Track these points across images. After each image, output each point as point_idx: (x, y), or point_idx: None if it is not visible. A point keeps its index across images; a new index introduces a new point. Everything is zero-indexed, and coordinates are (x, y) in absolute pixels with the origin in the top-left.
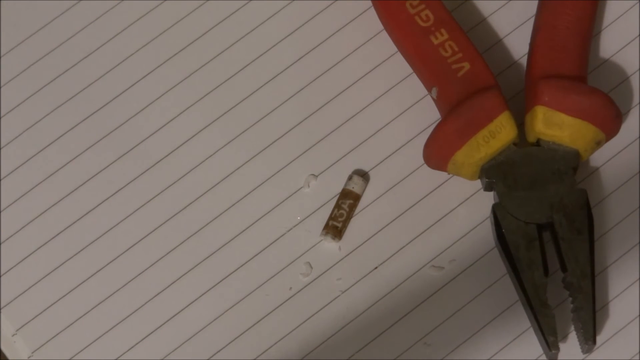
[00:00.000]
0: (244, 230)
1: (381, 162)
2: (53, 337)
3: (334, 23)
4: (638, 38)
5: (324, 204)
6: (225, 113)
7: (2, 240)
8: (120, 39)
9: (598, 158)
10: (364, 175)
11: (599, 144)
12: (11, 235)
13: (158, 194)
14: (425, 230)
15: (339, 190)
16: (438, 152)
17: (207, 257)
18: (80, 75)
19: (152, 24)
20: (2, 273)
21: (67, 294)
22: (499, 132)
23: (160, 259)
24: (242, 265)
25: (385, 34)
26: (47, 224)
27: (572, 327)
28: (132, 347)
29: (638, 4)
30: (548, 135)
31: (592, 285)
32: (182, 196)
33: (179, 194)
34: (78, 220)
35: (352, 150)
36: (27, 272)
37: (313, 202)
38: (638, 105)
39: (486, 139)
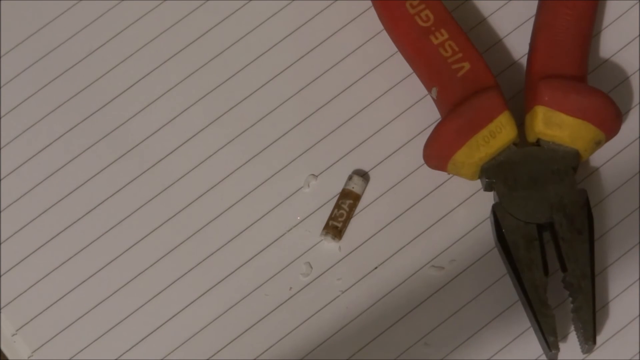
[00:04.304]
0: (244, 230)
1: (381, 162)
2: (53, 337)
3: (334, 23)
4: (638, 38)
5: (324, 204)
6: (225, 113)
7: (2, 240)
8: (120, 39)
9: (598, 158)
10: (364, 175)
11: (599, 144)
12: (11, 235)
13: (158, 194)
14: (425, 230)
15: (339, 190)
16: (438, 152)
17: (207, 257)
18: (80, 75)
19: (152, 24)
20: (2, 273)
21: (67, 294)
22: (499, 132)
23: (160, 259)
24: (242, 265)
25: (385, 34)
26: (47, 224)
27: (572, 327)
28: (132, 347)
29: (638, 4)
30: (548, 135)
31: (592, 285)
32: (182, 196)
33: (179, 194)
34: (78, 220)
35: (352, 150)
36: (27, 272)
37: (313, 202)
38: (638, 105)
39: (486, 139)
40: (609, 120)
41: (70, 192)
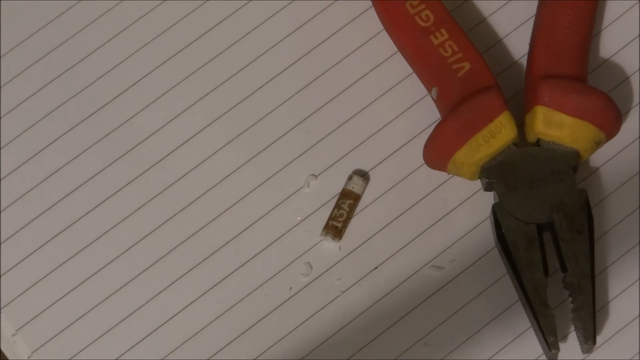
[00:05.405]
0: (244, 230)
1: (381, 162)
2: (53, 337)
3: (334, 23)
4: (638, 38)
5: (324, 204)
6: (225, 113)
7: (2, 240)
8: (120, 39)
9: (598, 158)
10: (364, 175)
11: (599, 144)
12: (11, 235)
13: (158, 194)
14: (425, 230)
15: (339, 190)
16: (438, 152)
17: (207, 257)
18: (80, 75)
19: (152, 24)
20: (2, 273)
21: (67, 294)
22: (499, 132)
23: (160, 259)
24: (242, 265)
25: (385, 34)
26: (47, 224)
27: (572, 327)
28: (132, 347)
29: (638, 4)
30: (548, 135)
31: (592, 285)
32: (182, 196)
33: (179, 194)
34: (78, 220)
35: (352, 150)
36: (27, 272)
37: (313, 202)
38: (638, 105)
39: (486, 139)
40: (609, 120)
41: (70, 192)
